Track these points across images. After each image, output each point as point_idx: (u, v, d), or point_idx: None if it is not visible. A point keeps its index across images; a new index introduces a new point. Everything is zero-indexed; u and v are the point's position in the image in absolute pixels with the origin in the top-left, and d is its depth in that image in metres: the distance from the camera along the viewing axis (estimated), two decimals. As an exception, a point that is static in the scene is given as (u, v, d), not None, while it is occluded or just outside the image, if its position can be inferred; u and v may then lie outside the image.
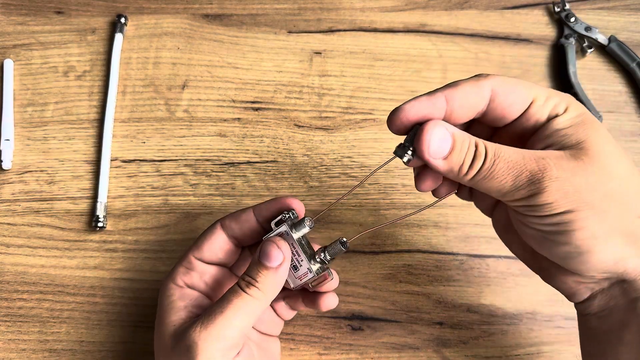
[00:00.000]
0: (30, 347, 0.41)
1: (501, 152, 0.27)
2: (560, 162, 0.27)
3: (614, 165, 0.28)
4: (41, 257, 0.43)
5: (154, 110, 0.48)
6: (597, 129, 0.28)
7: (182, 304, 0.33)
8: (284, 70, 0.49)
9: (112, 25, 0.50)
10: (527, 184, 0.27)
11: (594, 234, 0.27)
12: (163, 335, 0.32)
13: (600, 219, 0.27)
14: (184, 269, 0.34)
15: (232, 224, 0.35)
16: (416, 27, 0.51)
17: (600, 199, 0.27)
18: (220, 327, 0.30)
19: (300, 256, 0.33)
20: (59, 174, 0.46)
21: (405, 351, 0.41)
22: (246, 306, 0.30)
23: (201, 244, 0.35)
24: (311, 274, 0.33)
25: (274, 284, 0.31)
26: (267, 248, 0.31)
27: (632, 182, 0.28)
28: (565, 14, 0.50)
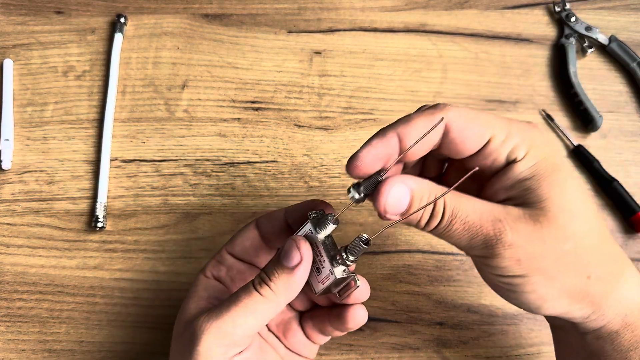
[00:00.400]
0: (29, 347, 0.41)
1: (459, 212, 0.27)
2: (517, 225, 0.27)
3: (572, 226, 0.28)
4: (41, 257, 0.43)
5: (153, 110, 0.48)
6: (560, 182, 0.28)
7: (204, 294, 0.33)
8: (284, 70, 0.49)
9: (111, 25, 0.50)
10: (482, 246, 0.28)
11: (543, 297, 0.28)
12: (179, 321, 0.32)
13: (549, 284, 0.28)
14: (215, 262, 0.34)
15: (265, 221, 0.34)
16: (416, 26, 0.51)
17: (551, 264, 0.28)
18: (223, 323, 0.29)
19: (322, 257, 0.30)
20: (59, 174, 0.46)
21: (406, 351, 0.41)
22: (254, 306, 0.29)
23: (234, 239, 0.35)
24: (332, 277, 0.30)
25: (288, 286, 0.29)
26: (287, 246, 0.30)
27: (586, 241, 0.29)
28: (565, 14, 0.50)
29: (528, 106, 0.48)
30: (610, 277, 0.30)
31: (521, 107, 0.48)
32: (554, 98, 0.48)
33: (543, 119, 0.48)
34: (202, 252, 0.44)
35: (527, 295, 0.29)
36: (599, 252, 0.29)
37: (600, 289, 0.29)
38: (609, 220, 0.45)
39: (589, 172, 0.46)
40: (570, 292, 0.29)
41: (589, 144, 0.47)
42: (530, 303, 0.29)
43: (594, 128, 0.47)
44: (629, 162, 0.47)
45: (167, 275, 0.43)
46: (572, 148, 0.47)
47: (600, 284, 0.29)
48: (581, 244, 0.28)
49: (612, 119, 0.48)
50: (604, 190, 0.45)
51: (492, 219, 0.27)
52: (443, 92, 0.48)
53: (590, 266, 0.29)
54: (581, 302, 0.29)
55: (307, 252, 0.30)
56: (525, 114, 0.48)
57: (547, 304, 0.29)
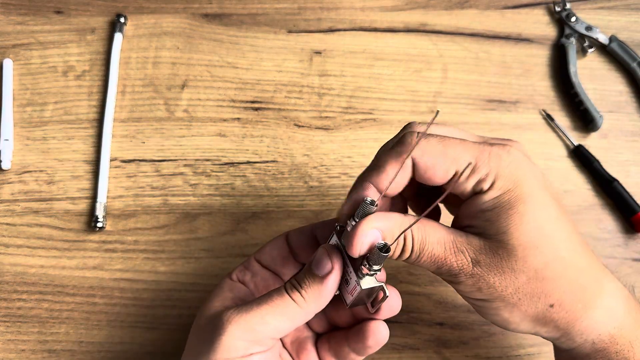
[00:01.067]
0: (29, 347, 0.41)
1: (425, 246, 0.29)
2: (478, 257, 0.29)
3: (531, 258, 0.29)
4: (40, 258, 0.43)
5: (153, 110, 0.48)
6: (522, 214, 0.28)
7: (229, 294, 0.33)
8: (283, 70, 0.49)
9: (111, 24, 0.50)
10: (447, 274, 0.30)
11: (506, 320, 0.30)
12: (201, 316, 0.32)
13: (510, 310, 0.30)
14: (242, 267, 0.35)
15: (294, 234, 0.35)
16: (416, 26, 0.51)
17: (511, 294, 0.29)
18: (252, 318, 0.29)
19: (349, 268, 0.30)
20: (59, 174, 0.46)
21: (406, 352, 0.41)
22: (285, 308, 0.29)
23: (263, 247, 0.35)
24: (359, 288, 0.29)
25: (318, 295, 0.29)
26: (319, 255, 0.30)
27: (548, 273, 0.29)
28: (565, 14, 0.50)
29: (528, 106, 0.48)
30: (576, 305, 0.30)
31: (521, 107, 0.48)
32: (554, 98, 0.48)
33: (543, 119, 0.48)
34: (202, 252, 0.43)
35: (493, 318, 0.31)
36: (564, 281, 0.29)
37: (565, 317, 0.30)
38: (609, 220, 0.45)
39: (589, 172, 0.46)
40: (533, 318, 0.30)
41: (589, 144, 0.47)
42: (498, 323, 0.31)
43: (594, 128, 0.47)
44: (629, 162, 0.46)
45: (167, 275, 0.43)
46: (572, 148, 0.47)
47: (564, 312, 0.30)
48: (542, 275, 0.29)
49: (613, 118, 0.48)
50: (604, 190, 0.45)
51: (455, 251, 0.29)
52: (443, 92, 0.48)
53: (552, 296, 0.29)
54: (546, 327, 0.30)
55: (338, 261, 0.30)
56: (525, 113, 0.48)
57: (512, 326, 0.31)
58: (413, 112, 0.48)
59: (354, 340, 0.33)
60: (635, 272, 0.43)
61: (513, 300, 0.29)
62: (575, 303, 0.30)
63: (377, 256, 0.28)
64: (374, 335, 0.32)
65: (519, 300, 0.29)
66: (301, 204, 0.45)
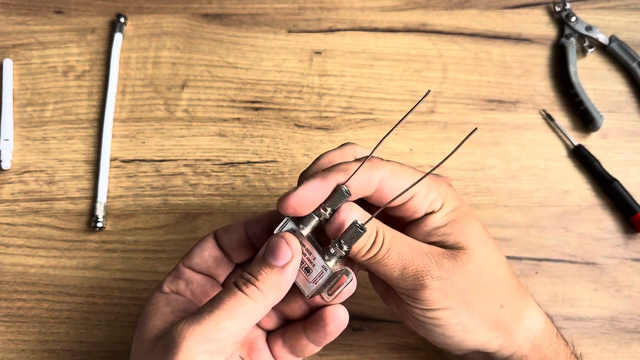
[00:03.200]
0: (29, 347, 0.41)
1: (395, 242, 0.30)
2: (442, 261, 0.30)
3: (485, 261, 0.32)
4: (40, 257, 0.43)
5: (153, 110, 0.48)
6: (471, 225, 0.32)
7: (167, 309, 0.30)
8: (284, 70, 0.49)
9: (111, 24, 0.50)
10: (412, 278, 0.30)
11: (466, 328, 0.31)
12: (142, 342, 0.29)
13: (471, 314, 0.31)
14: (172, 277, 0.33)
15: (224, 234, 0.33)
16: (416, 26, 0.51)
17: (473, 296, 0.31)
18: (206, 328, 0.26)
19: (312, 254, 0.29)
20: (59, 174, 0.46)
21: (406, 352, 0.41)
22: (241, 308, 0.27)
23: (191, 252, 0.33)
24: (327, 272, 0.28)
25: (277, 286, 0.28)
26: (274, 243, 0.28)
27: (497, 274, 0.32)
28: (565, 14, 0.50)
29: (528, 106, 0.48)
30: (518, 305, 0.33)
31: (521, 107, 0.48)
32: (554, 98, 0.48)
33: (543, 119, 0.48)
34: (202, 252, 0.43)
35: (452, 327, 0.31)
36: (507, 284, 0.33)
37: (511, 316, 0.32)
38: (609, 220, 0.45)
39: (589, 172, 0.46)
40: (488, 321, 0.32)
41: (589, 144, 0.47)
42: (454, 335, 0.31)
43: (595, 128, 0.47)
44: (629, 162, 0.46)
45: (167, 275, 0.43)
46: (572, 148, 0.47)
47: (511, 311, 0.32)
48: (494, 277, 0.32)
49: (613, 119, 0.48)
50: (604, 190, 0.45)
51: (421, 253, 0.30)
52: (443, 92, 0.48)
53: (502, 296, 0.32)
54: (497, 330, 0.32)
55: (298, 248, 0.29)
56: (525, 113, 0.48)
57: (470, 334, 0.31)
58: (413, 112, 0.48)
59: (312, 329, 0.31)
60: (635, 272, 0.43)
61: (474, 303, 0.31)
62: (517, 303, 0.33)
63: (353, 234, 0.28)
64: (335, 320, 0.31)
65: (478, 303, 0.31)
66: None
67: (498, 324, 0.32)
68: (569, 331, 0.41)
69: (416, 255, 0.30)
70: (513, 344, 0.33)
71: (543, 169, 0.46)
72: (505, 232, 0.44)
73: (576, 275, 0.43)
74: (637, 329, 0.42)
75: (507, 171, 0.46)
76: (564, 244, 0.44)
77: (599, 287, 0.43)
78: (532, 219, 0.45)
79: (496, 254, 0.33)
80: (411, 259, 0.30)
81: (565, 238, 0.44)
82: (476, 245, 0.32)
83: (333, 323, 0.31)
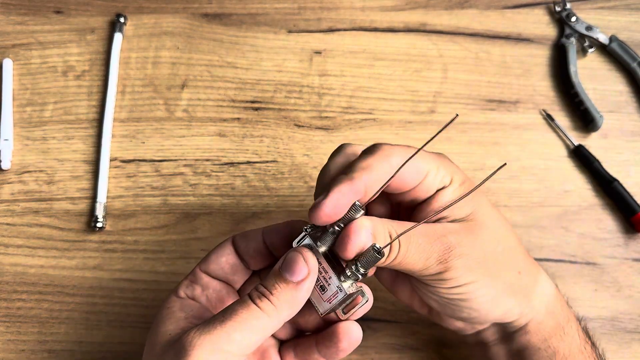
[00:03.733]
0: (29, 347, 0.41)
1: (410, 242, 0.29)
2: (460, 237, 0.30)
3: (497, 230, 0.32)
4: (40, 258, 0.43)
5: (153, 110, 0.48)
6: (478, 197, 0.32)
7: (181, 314, 0.30)
8: (283, 70, 0.49)
9: (111, 24, 0.50)
10: (436, 264, 0.29)
11: (492, 297, 0.31)
12: (154, 345, 0.29)
13: (494, 284, 0.31)
14: (188, 282, 0.32)
15: (241, 240, 0.32)
16: (416, 26, 0.51)
17: (493, 266, 0.31)
18: (217, 339, 0.26)
19: (327, 273, 0.28)
20: (58, 174, 0.46)
21: (406, 352, 0.41)
22: (253, 320, 0.27)
23: (208, 256, 0.33)
24: (342, 294, 0.28)
25: (291, 302, 0.27)
26: (291, 258, 0.28)
27: (509, 242, 0.33)
28: (566, 14, 0.50)
29: (528, 106, 0.48)
30: (532, 270, 0.34)
31: (521, 107, 0.48)
32: (554, 98, 0.48)
33: (543, 119, 0.48)
34: (202, 252, 0.43)
35: (480, 299, 0.31)
36: (520, 251, 0.34)
37: (529, 282, 0.33)
38: (609, 220, 0.45)
39: (590, 172, 0.46)
40: (510, 288, 0.32)
41: (590, 144, 0.47)
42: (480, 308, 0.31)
43: (595, 128, 0.47)
44: (629, 162, 0.46)
45: (167, 275, 0.43)
46: (572, 148, 0.47)
47: (528, 277, 0.33)
48: (508, 245, 0.33)
49: (613, 119, 0.48)
50: (604, 190, 0.45)
51: (439, 237, 0.30)
52: (443, 92, 0.48)
53: (518, 263, 0.33)
54: (517, 297, 0.32)
55: (315, 265, 0.28)
56: (525, 114, 0.48)
57: (496, 303, 0.32)
58: (413, 112, 0.48)
59: (324, 345, 0.31)
60: (635, 272, 0.43)
61: (495, 272, 0.31)
62: (532, 269, 0.34)
63: (370, 258, 0.27)
64: (348, 337, 0.30)
65: (499, 271, 0.31)
66: (301, 204, 0.45)
67: (518, 291, 0.32)
68: (569, 331, 0.41)
69: (435, 242, 0.29)
70: (531, 310, 0.33)
71: (543, 169, 0.46)
72: (505, 232, 0.44)
73: (576, 275, 0.43)
74: (637, 329, 0.42)
75: (507, 171, 0.46)
76: (564, 244, 0.44)
77: (599, 287, 0.43)
78: (532, 219, 0.45)
79: (505, 223, 0.33)
80: (431, 248, 0.29)
81: (565, 238, 0.44)
82: (487, 216, 0.32)
83: (346, 340, 0.30)
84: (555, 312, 0.34)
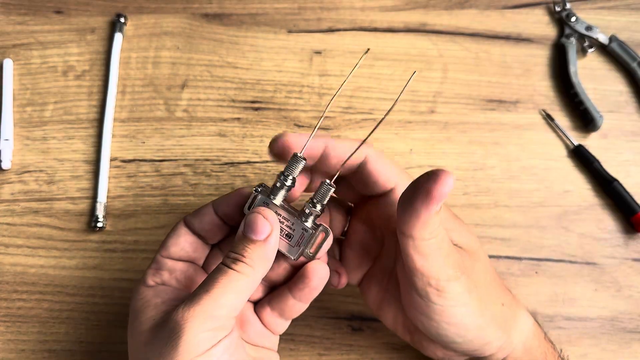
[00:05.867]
0: (29, 347, 0.41)
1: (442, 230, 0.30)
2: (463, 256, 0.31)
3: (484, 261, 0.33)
4: (40, 257, 0.43)
5: (153, 110, 0.48)
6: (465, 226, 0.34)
7: (158, 300, 0.31)
8: (283, 70, 0.49)
9: (111, 24, 0.50)
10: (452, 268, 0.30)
11: (480, 326, 0.31)
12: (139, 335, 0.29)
13: (483, 312, 0.31)
14: (153, 270, 0.33)
15: (193, 219, 0.33)
16: (416, 26, 0.51)
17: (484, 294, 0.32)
18: (207, 307, 0.28)
19: (289, 221, 0.31)
20: (58, 174, 0.46)
21: (406, 352, 0.41)
22: (235, 283, 0.28)
23: (166, 242, 0.33)
24: (308, 233, 0.31)
25: (264, 258, 0.29)
26: (252, 219, 0.29)
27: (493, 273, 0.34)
28: (565, 14, 0.50)
29: (528, 106, 0.48)
30: (513, 305, 0.34)
31: (521, 107, 0.48)
32: (554, 98, 0.48)
33: (543, 119, 0.48)
34: (202, 252, 0.43)
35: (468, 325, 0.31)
36: (502, 284, 0.35)
37: (509, 316, 0.33)
38: (609, 220, 0.45)
39: (589, 172, 0.46)
40: (494, 319, 0.32)
41: (589, 144, 0.47)
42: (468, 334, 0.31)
43: (595, 128, 0.47)
44: (629, 162, 0.46)
45: (167, 275, 0.43)
46: (572, 148, 0.47)
47: (509, 311, 0.34)
48: (493, 277, 0.34)
49: (613, 118, 0.48)
50: (604, 190, 0.45)
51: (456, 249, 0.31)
52: (443, 92, 0.48)
53: (501, 295, 0.34)
54: (500, 330, 0.32)
55: (274, 218, 0.30)
56: (525, 114, 0.48)
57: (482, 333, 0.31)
58: (413, 112, 0.48)
59: (297, 287, 0.33)
60: (635, 272, 0.43)
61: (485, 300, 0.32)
62: (512, 303, 0.34)
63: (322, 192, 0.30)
64: (317, 275, 0.32)
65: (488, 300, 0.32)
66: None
67: (502, 323, 0.33)
68: (569, 331, 0.41)
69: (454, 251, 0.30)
70: (509, 345, 0.33)
71: (543, 169, 0.46)
72: (505, 232, 0.44)
73: (576, 275, 0.43)
74: (637, 329, 0.42)
75: (507, 171, 0.46)
76: (564, 244, 0.44)
77: (599, 287, 0.43)
78: (532, 219, 0.45)
79: (486, 255, 0.35)
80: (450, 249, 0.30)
81: (566, 238, 0.44)
82: (476, 245, 0.33)
83: (316, 277, 0.32)
84: (533, 348, 0.34)
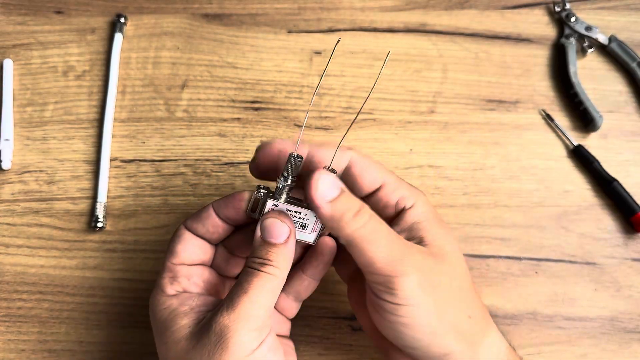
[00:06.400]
0: (29, 347, 0.41)
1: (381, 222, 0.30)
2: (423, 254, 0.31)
3: (456, 267, 0.32)
4: (40, 257, 0.43)
5: (153, 110, 0.48)
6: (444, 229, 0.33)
7: (186, 307, 0.31)
8: (283, 70, 0.49)
9: (111, 25, 0.50)
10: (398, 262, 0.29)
11: (434, 331, 0.30)
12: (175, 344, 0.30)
13: (439, 317, 0.30)
14: (169, 279, 0.33)
15: (195, 224, 0.34)
16: (416, 26, 0.51)
17: (445, 298, 0.31)
18: (248, 307, 0.29)
19: (301, 213, 0.32)
20: (59, 174, 0.46)
21: (406, 351, 0.41)
22: (267, 284, 0.30)
23: (174, 249, 0.33)
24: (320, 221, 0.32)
25: (286, 257, 0.31)
26: (269, 225, 0.31)
27: (465, 283, 0.33)
28: (565, 14, 0.50)
29: (528, 106, 0.48)
30: (483, 321, 0.33)
31: (521, 107, 0.48)
32: (554, 98, 0.48)
33: (543, 119, 0.48)
34: (202, 252, 0.43)
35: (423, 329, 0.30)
36: (475, 298, 0.33)
37: (477, 330, 0.32)
38: (609, 220, 0.45)
39: (589, 172, 0.46)
40: (455, 329, 0.31)
41: (589, 144, 0.47)
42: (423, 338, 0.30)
43: (594, 128, 0.47)
44: (629, 162, 0.47)
45: (167, 275, 0.43)
46: (572, 148, 0.47)
47: (477, 325, 0.32)
48: (463, 285, 0.32)
49: (612, 118, 0.48)
50: (604, 190, 0.45)
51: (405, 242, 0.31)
52: (443, 92, 0.48)
53: (470, 306, 0.32)
54: (463, 342, 0.31)
55: (289, 220, 0.31)
56: (525, 114, 0.48)
57: (438, 339, 0.30)
58: (413, 112, 0.48)
59: (311, 266, 0.35)
60: (635, 272, 0.43)
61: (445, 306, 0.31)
62: (483, 318, 0.33)
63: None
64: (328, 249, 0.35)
65: (449, 307, 0.31)
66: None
67: (465, 336, 0.31)
68: (568, 331, 0.41)
69: (402, 241, 0.31)
70: None
71: (543, 169, 0.46)
72: (505, 232, 0.44)
73: (576, 275, 0.43)
74: (637, 329, 0.42)
75: (507, 171, 0.46)
76: (564, 244, 0.44)
77: (599, 287, 0.43)
78: (532, 219, 0.45)
79: (464, 264, 0.33)
80: (398, 241, 0.30)
81: (565, 238, 0.44)
82: (450, 248, 0.32)
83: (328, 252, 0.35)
84: None
